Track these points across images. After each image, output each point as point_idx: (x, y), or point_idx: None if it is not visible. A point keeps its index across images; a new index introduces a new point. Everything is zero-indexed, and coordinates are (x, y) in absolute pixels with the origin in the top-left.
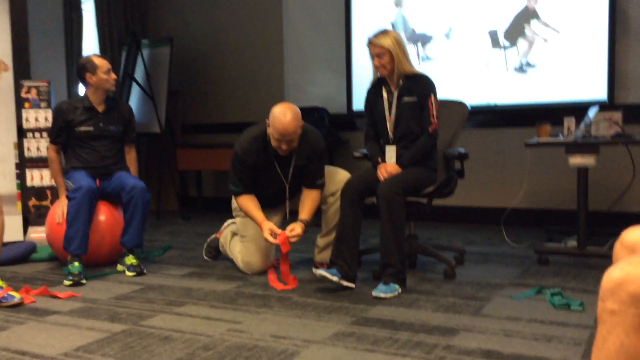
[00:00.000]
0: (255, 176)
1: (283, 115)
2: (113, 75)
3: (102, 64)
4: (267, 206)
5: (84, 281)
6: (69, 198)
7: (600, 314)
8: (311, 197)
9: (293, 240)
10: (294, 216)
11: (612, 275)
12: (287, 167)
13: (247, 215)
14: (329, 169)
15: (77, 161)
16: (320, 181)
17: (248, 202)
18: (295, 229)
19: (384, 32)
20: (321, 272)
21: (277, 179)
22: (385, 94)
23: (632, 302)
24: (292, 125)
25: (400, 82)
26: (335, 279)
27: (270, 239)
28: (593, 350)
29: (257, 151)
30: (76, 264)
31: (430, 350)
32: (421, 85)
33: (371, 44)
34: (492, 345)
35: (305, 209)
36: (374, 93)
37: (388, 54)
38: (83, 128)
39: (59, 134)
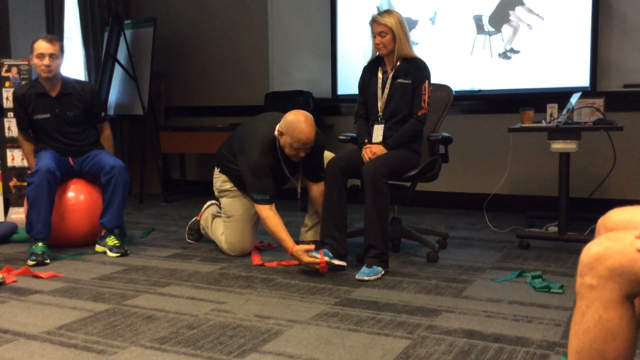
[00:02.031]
0: None
1: (303, 125)
2: (45, 62)
3: (37, 47)
4: None
5: (47, 261)
6: (27, 182)
7: (579, 289)
8: (321, 192)
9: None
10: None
11: (591, 250)
12: (295, 169)
13: (272, 234)
14: None
15: (46, 145)
16: (323, 173)
17: (276, 221)
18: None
19: (388, 12)
20: (314, 254)
21: (284, 180)
22: (380, 74)
23: (611, 276)
24: (312, 134)
25: (397, 63)
26: (326, 259)
27: (314, 260)
28: (571, 325)
29: (269, 157)
30: (40, 244)
31: (412, 330)
32: (417, 70)
33: (375, 22)
34: (473, 325)
35: (317, 203)
36: (369, 71)
37: (390, 34)
38: (39, 116)
39: (22, 120)
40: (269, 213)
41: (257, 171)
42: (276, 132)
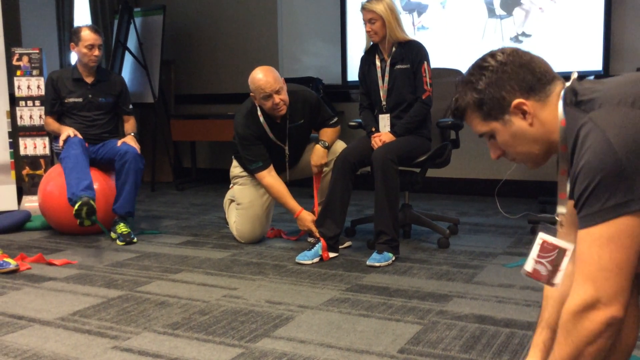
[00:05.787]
0: None
1: (258, 72)
2: (95, 52)
3: (87, 38)
4: None
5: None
6: (61, 158)
7: None
8: (329, 130)
9: (323, 161)
10: (291, 186)
11: None
12: (282, 132)
13: (279, 201)
14: None
15: None
16: (332, 121)
17: (278, 186)
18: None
19: None
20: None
21: (274, 147)
22: (378, 62)
23: None
24: (270, 75)
25: (393, 49)
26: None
27: (314, 229)
28: None
29: (252, 126)
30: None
31: (423, 315)
32: (414, 52)
33: (364, 9)
34: (484, 310)
35: (325, 135)
36: (367, 61)
37: (380, 20)
38: (72, 99)
39: (54, 103)
40: (269, 180)
41: (244, 143)
42: (251, 98)
